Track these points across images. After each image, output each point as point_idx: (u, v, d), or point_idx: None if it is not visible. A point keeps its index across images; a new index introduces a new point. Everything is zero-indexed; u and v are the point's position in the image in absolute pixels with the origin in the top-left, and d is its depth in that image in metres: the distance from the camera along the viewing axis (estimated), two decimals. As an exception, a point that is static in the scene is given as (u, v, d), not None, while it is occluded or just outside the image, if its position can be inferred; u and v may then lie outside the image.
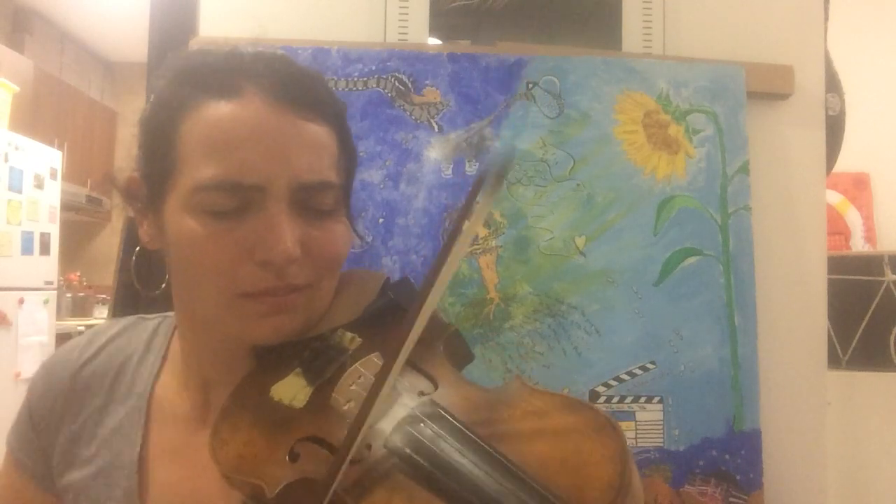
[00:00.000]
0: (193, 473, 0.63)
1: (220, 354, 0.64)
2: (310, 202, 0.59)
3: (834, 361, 2.03)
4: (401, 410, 0.52)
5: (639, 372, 1.19)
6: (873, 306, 2.12)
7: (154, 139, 0.61)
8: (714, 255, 1.23)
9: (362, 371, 0.57)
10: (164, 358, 0.70)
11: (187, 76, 0.60)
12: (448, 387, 0.55)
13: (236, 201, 0.56)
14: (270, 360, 0.60)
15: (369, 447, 0.50)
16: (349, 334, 0.61)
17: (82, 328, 4.01)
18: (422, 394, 0.55)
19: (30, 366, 3.31)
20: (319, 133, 0.60)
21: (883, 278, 2.11)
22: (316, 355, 0.59)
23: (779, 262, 1.31)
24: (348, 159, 0.65)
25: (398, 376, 0.53)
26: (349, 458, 0.47)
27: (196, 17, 1.28)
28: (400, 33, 1.28)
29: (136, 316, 0.76)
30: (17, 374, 3.23)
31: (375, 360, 0.58)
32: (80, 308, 4.46)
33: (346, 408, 0.55)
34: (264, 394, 0.57)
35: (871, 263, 2.16)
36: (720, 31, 1.34)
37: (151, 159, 0.61)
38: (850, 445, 2.04)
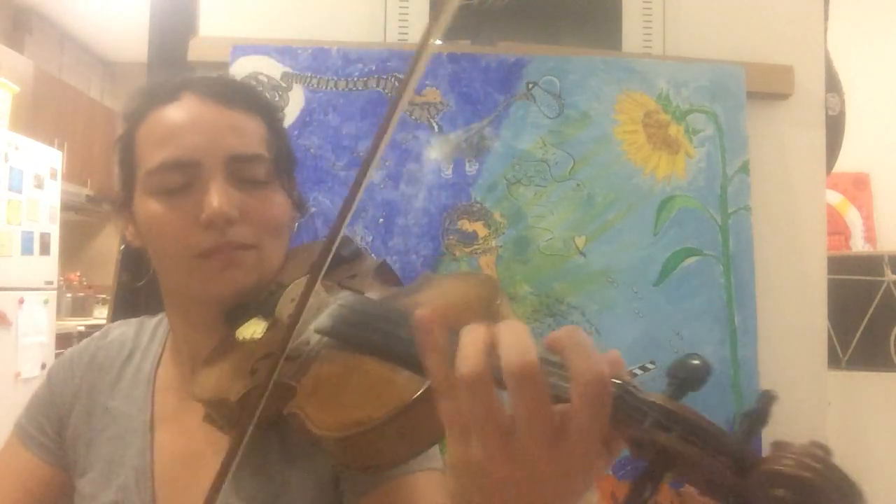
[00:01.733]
0: (189, 435, 0.73)
1: (199, 329, 0.74)
2: (243, 173, 0.69)
3: (834, 361, 2.03)
4: (329, 307, 0.62)
5: (639, 372, 1.19)
6: (873, 306, 2.12)
7: (121, 152, 0.74)
8: (714, 255, 1.23)
9: (299, 288, 0.66)
10: (165, 345, 0.82)
11: (140, 96, 0.74)
12: (372, 293, 0.66)
13: (181, 178, 0.68)
14: (237, 325, 0.70)
15: (308, 343, 0.59)
16: (298, 279, 0.70)
17: (82, 328, 4.00)
18: None
19: (30, 366, 3.31)
20: (247, 120, 0.72)
21: (883, 278, 2.12)
22: (269, 299, 0.69)
23: (779, 262, 1.31)
24: (279, 143, 0.75)
25: (332, 295, 0.63)
26: (284, 355, 0.55)
27: (196, 17, 1.28)
28: (400, 33, 1.28)
29: (143, 316, 0.88)
30: (17, 374, 3.22)
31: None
32: (80, 308, 4.46)
33: (287, 321, 0.63)
34: (232, 342, 0.67)
35: (871, 263, 2.16)
36: (720, 31, 1.34)
37: (121, 168, 0.74)
38: (850, 445, 2.04)
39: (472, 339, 0.40)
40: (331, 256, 0.55)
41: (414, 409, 0.47)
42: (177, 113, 0.70)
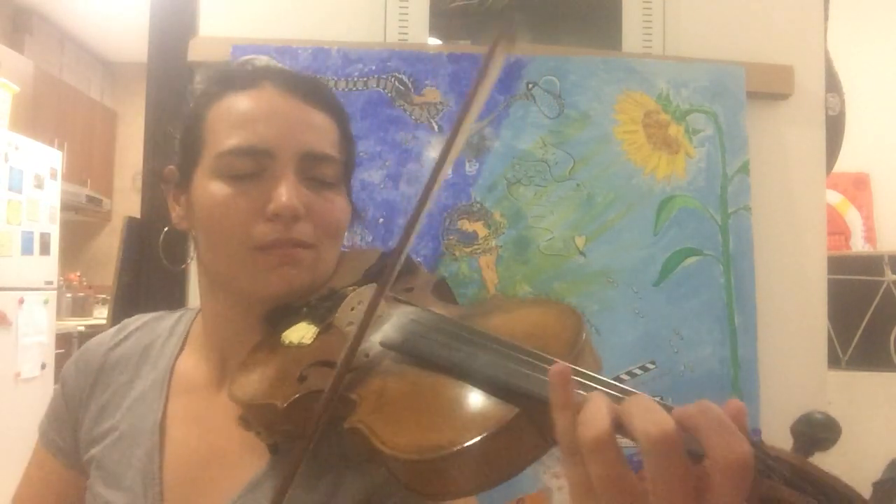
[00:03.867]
0: (211, 434, 0.71)
1: (237, 323, 0.72)
2: (313, 172, 0.69)
3: (834, 361, 2.03)
4: (394, 320, 0.59)
5: (639, 372, 1.19)
6: (873, 306, 2.12)
7: (187, 129, 0.72)
8: (714, 255, 1.23)
9: (361, 297, 0.65)
10: (186, 340, 0.79)
11: (214, 78, 0.73)
12: (435, 310, 0.63)
13: (251, 166, 0.67)
14: (281, 325, 0.67)
15: (367, 355, 0.57)
16: (350, 288, 0.68)
17: (82, 328, 4.00)
18: None
19: (30, 366, 3.31)
20: (323, 119, 0.71)
21: (883, 278, 2.12)
22: (320, 303, 0.67)
23: (779, 262, 1.31)
24: (348, 147, 0.75)
25: (391, 308, 0.61)
26: (350, 366, 0.52)
27: (196, 17, 1.28)
28: (400, 33, 1.28)
29: (162, 311, 0.86)
30: (17, 374, 3.22)
31: (371, 288, 0.65)
32: (80, 308, 4.46)
33: (347, 329, 0.62)
34: (277, 343, 0.64)
35: (871, 263, 2.16)
36: (720, 31, 1.34)
37: (184, 145, 0.72)
38: (850, 445, 2.04)
39: (596, 405, 0.39)
40: (398, 268, 0.52)
41: (500, 437, 0.44)
42: (256, 100, 0.69)
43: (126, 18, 4.35)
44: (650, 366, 1.19)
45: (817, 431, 0.37)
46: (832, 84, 1.42)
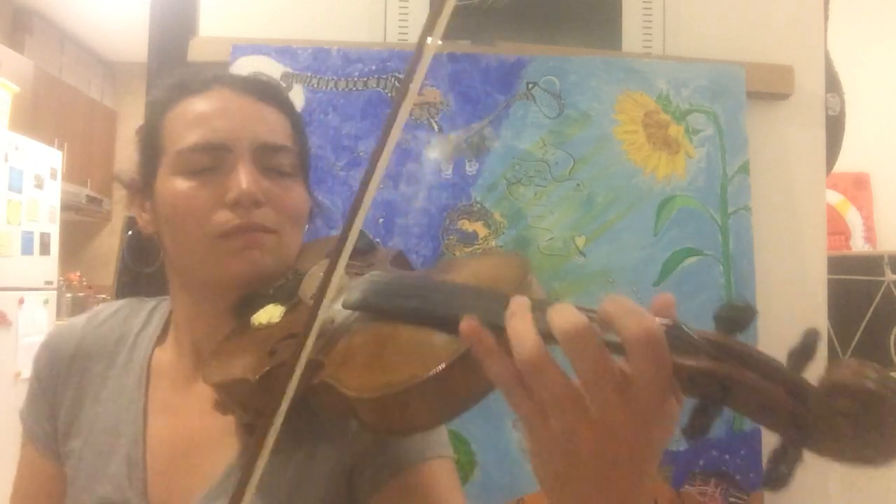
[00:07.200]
0: (189, 423, 0.73)
1: (208, 319, 0.74)
2: (270, 162, 0.72)
3: (834, 361, 2.03)
4: (354, 285, 0.62)
5: (639, 372, 1.19)
6: (873, 306, 2.11)
7: (146, 135, 0.75)
8: (714, 255, 1.23)
9: (323, 268, 0.65)
10: (163, 330, 0.80)
11: (169, 86, 0.76)
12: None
13: (210, 160, 0.69)
14: (249, 315, 0.69)
15: (333, 321, 0.58)
16: (322, 261, 0.70)
17: (82, 328, 4.00)
18: None
19: (30, 366, 3.31)
20: (275, 114, 0.75)
21: (883, 278, 2.11)
22: (286, 284, 0.70)
23: (779, 262, 1.31)
24: (301, 141, 0.78)
25: (353, 279, 0.63)
26: (313, 335, 0.54)
27: (196, 17, 1.28)
28: (400, 33, 1.28)
29: (136, 298, 0.86)
30: (17, 374, 3.22)
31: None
32: (80, 308, 4.45)
33: (311, 301, 0.62)
34: (247, 327, 0.67)
35: (871, 263, 2.15)
36: (720, 31, 1.34)
37: (144, 153, 0.75)
38: (850, 445, 2.04)
39: (519, 322, 0.41)
40: (355, 231, 0.55)
41: (456, 368, 0.47)
42: (209, 101, 0.72)
43: (126, 18, 4.35)
44: (650, 366, 1.19)
45: (736, 315, 0.42)
46: (832, 84, 1.42)
